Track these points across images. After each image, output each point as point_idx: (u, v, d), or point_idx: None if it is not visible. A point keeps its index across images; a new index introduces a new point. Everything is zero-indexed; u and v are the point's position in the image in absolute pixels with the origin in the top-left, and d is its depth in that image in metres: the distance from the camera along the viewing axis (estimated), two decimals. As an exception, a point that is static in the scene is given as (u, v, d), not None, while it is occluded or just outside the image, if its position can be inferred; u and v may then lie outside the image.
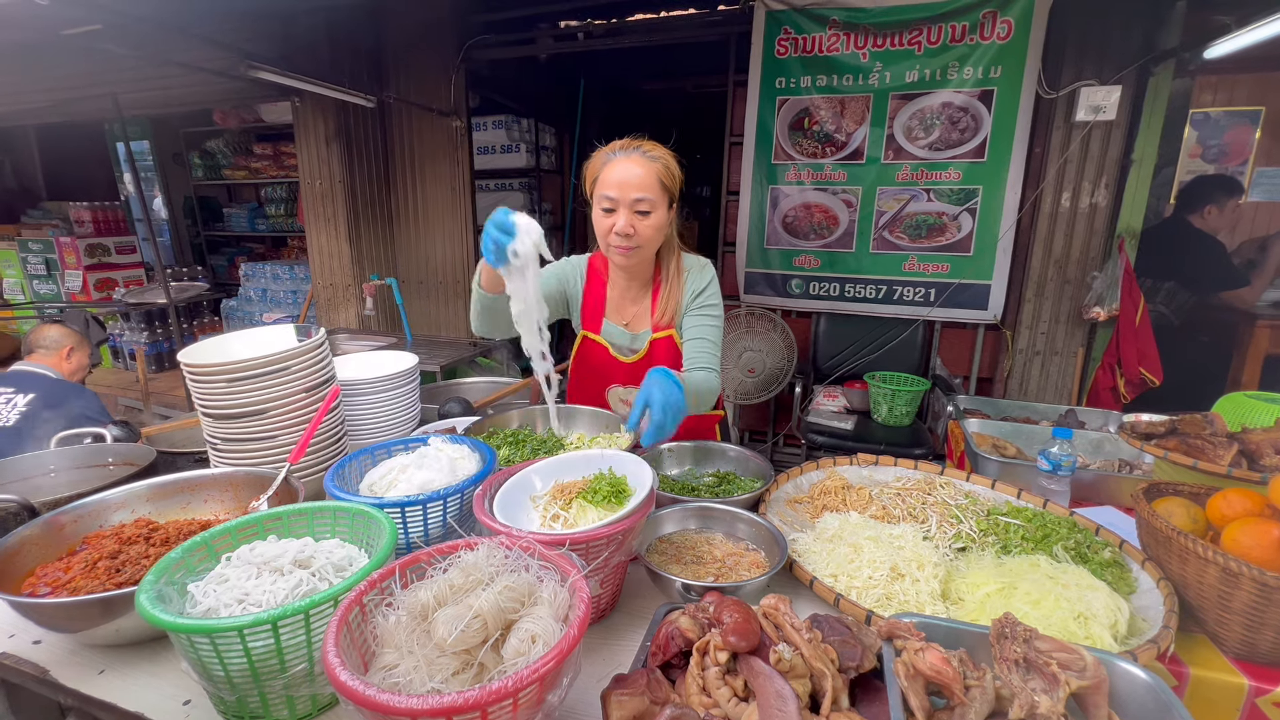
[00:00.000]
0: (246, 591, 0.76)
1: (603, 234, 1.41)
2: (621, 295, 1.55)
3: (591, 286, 1.56)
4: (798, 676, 0.74)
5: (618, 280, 1.55)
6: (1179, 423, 1.29)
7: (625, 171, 1.36)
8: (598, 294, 1.55)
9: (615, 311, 1.56)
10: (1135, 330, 2.65)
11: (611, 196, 1.36)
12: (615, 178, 1.36)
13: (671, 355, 1.53)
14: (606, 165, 1.39)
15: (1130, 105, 2.65)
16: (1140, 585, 1.07)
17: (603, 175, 1.39)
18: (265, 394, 1.23)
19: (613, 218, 1.38)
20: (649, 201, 1.37)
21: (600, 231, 1.41)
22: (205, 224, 6.23)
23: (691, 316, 1.50)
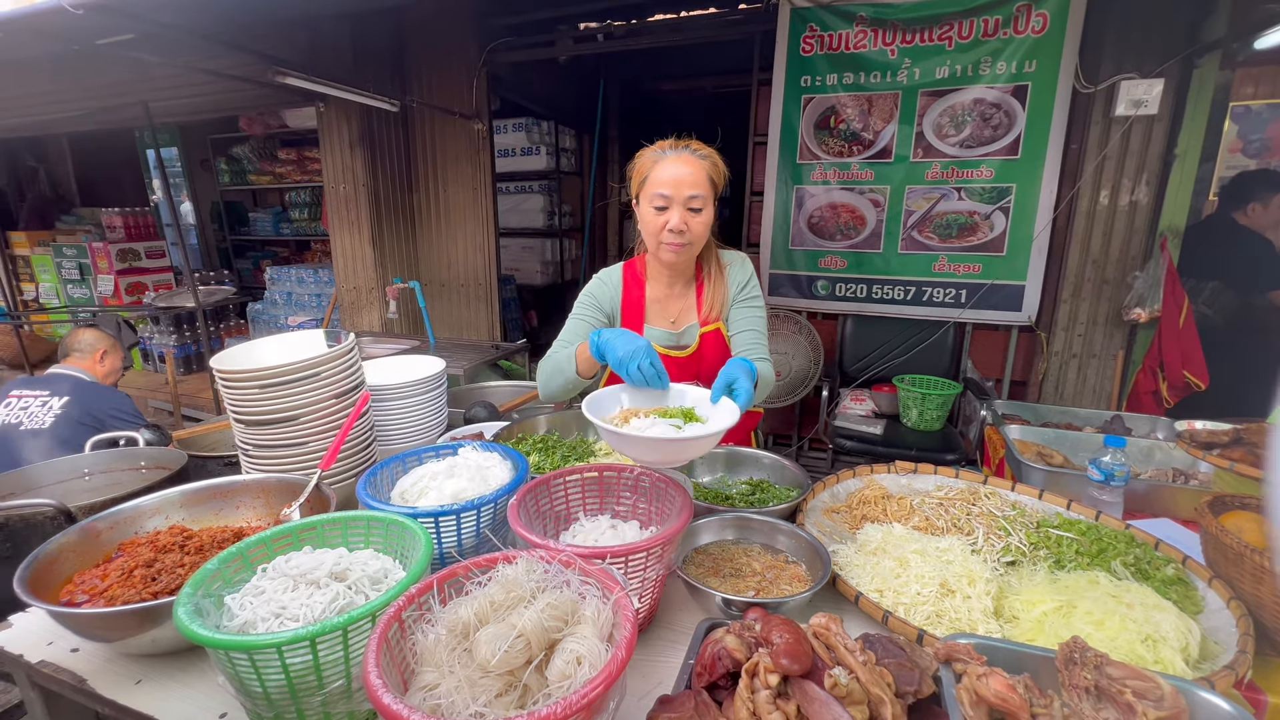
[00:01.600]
0: (283, 605, 0.75)
1: (655, 231, 1.41)
2: (665, 294, 1.55)
3: (629, 294, 1.55)
4: (855, 703, 0.70)
5: (660, 279, 1.54)
6: (1244, 431, 1.22)
7: (678, 170, 1.37)
8: (637, 300, 1.55)
9: (658, 313, 1.55)
10: (1179, 332, 2.55)
11: (665, 194, 1.37)
12: (668, 176, 1.37)
13: (720, 347, 1.54)
14: (657, 164, 1.40)
15: (1173, 98, 2.55)
16: (1208, 605, 1.01)
17: (653, 174, 1.39)
18: (297, 400, 1.23)
19: (665, 215, 1.39)
20: (700, 199, 1.38)
21: (652, 229, 1.42)
22: (231, 228, 6.34)
23: (739, 309, 1.52)
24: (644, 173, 1.42)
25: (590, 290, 1.54)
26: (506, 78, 4.44)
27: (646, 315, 1.55)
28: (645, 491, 1.11)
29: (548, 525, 1.09)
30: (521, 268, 5.58)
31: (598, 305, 1.54)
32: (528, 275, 5.57)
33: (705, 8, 3.61)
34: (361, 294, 4.05)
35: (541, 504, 1.08)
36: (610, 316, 1.55)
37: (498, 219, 4.11)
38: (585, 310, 1.52)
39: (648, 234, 1.44)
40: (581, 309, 1.53)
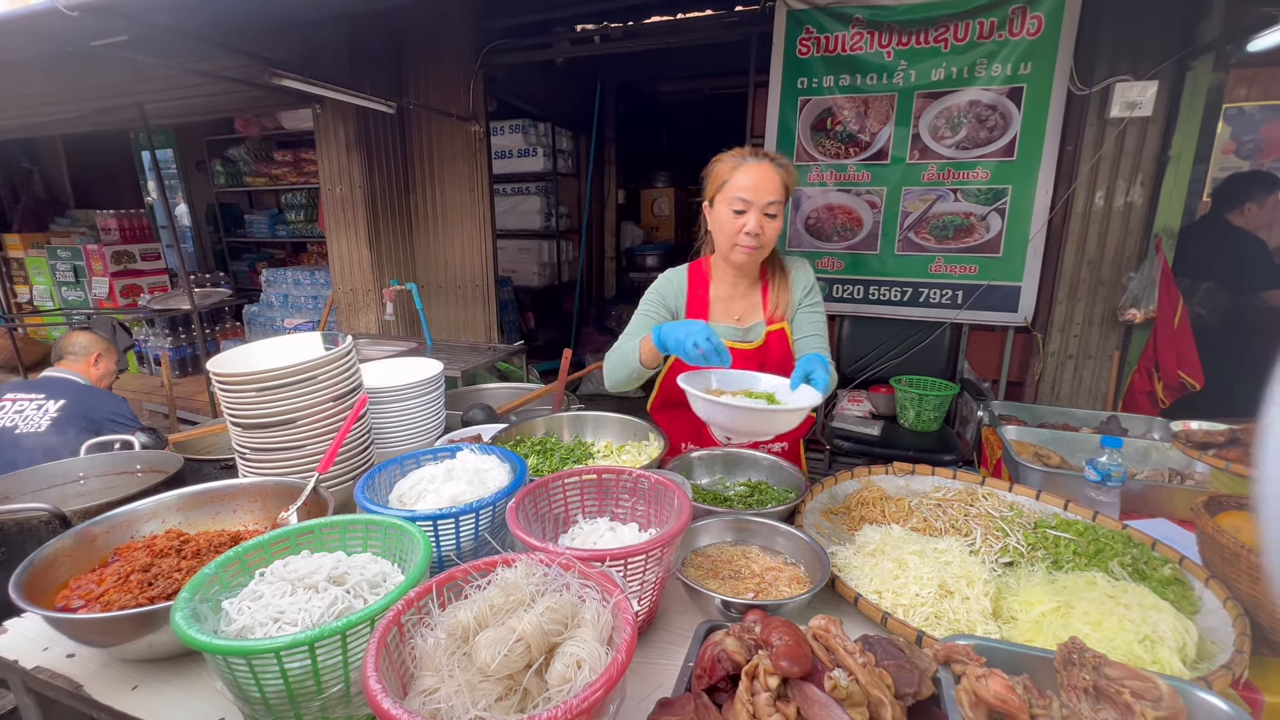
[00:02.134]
0: (281, 609, 0.74)
1: (731, 233, 1.46)
2: (730, 293, 1.60)
3: (694, 292, 1.60)
4: (855, 705, 0.70)
5: (725, 279, 1.59)
6: (1240, 432, 1.22)
7: (758, 176, 1.42)
8: (701, 297, 1.59)
9: (722, 311, 1.60)
10: (1174, 332, 2.57)
11: (745, 199, 1.42)
12: (749, 181, 1.42)
13: (784, 347, 1.59)
14: (738, 170, 1.44)
15: (1167, 100, 2.57)
16: (1204, 605, 1.01)
17: (734, 179, 1.44)
18: (294, 403, 1.22)
19: (744, 219, 1.44)
20: (777, 205, 1.44)
21: (729, 231, 1.46)
22: (227, 230, 6.32)
23: (804, 313, 1.60)
24: (723, 177, 1.46)
25: (657, 288, 1.60)
26: (503, 79, 4.44)
27: (711, 313, 1.60)
28: (644, 494, 1.11)
29: (546, 528, 1.08)
30: (519, 269, 5.58)
31: (663, 302, 1.59)
32: (525, 277, 5.57)
33: (702, 10, 3.62)
34: (358, 296, 4.04)
35: (540, 507, 1.08)
36: (674, 313, 1.59)
37: (494, 220, 4.11)
38: (650, 306, 1.58)
39: (722, 235, 1.49)
40: (647, 305, 1.59)
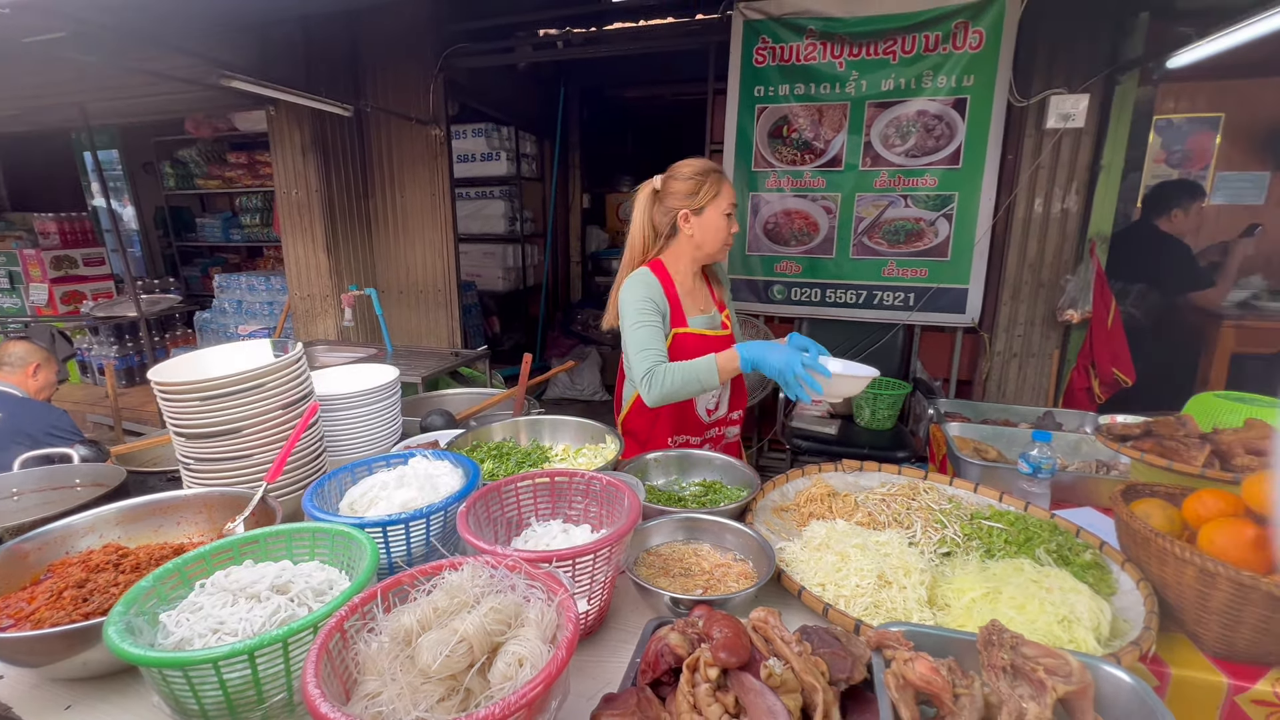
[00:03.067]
0: (221, 620, 0.74)
1: (724, 234, 1.67)
2: (691, 289, 1.74)
3: (668, 291, 1.68)
4: (789, 691, 0.73)
5: (686, 277, 1.73)
6: (1153, 424, 1.31)
7: (733, 190, 1.69)
8: (674, 295, 1.69)
9: (690, 305, 1.72)
10: (1108, 332, 2.71)
11: (734, 204, 1.67)
12: (732, 193, 1.67)
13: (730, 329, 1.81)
14: (724, 183, 1.66)
15: (1098, 113, 2.72)
16: (1121, 586, 1.08)
17: (724, 190, 1.65)
18: (240, 412, 1.20)
19: (731, 222, 1.67)
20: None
21: (721, 233, 1.66)
22: (178, 234, 6.09)
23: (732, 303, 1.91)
24: (717, 188, 1.64)
25: (644, 295, 1.62)
26: (465, 83, 4.41)
27: (684, 308, 1.70)
28: (596, 495, 1.13)
29: (499, 531, 1.09)
30: (483, 274, 5.54)
31: (655, 306, 1.63)
32: (489, 281, 5.53)
33: (664, 17, 3.67)
34: (316, 302, 3.96)
35: (493, 511, 1.09)
36: (662, 313, 1.66)
37: (457, 225, 4.07)
38: (648, 314, 1.61)
39: (714, 236, 1.65)
40: (645, 314, 1.60)
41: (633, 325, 1.58)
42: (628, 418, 1.77)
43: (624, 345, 1.62)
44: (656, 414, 1.71)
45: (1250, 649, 0.95)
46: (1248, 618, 0.92)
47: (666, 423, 1.72)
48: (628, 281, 1.64)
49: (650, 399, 1.53)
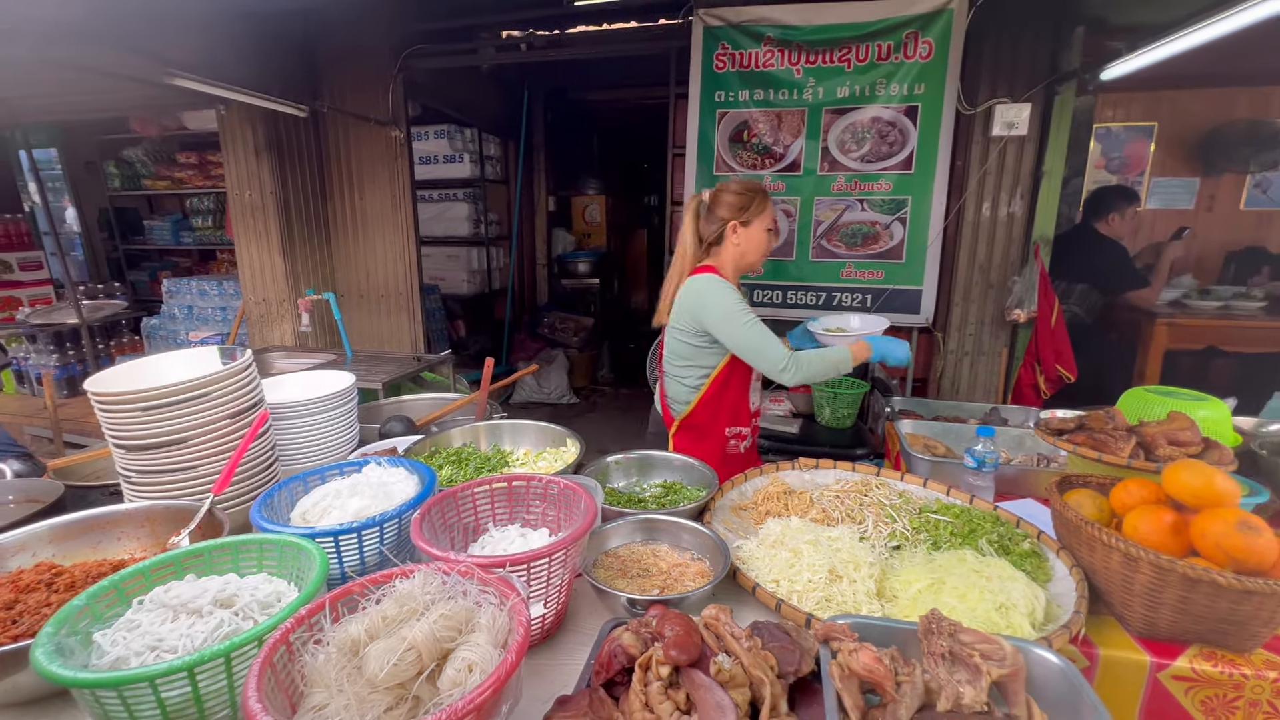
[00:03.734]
0: (160, 637, 0.72)
1: (765, 248, 1.84)
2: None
3: None
4: (737, 686, 0.75)
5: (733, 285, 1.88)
6: (1086, 418, 1.38)
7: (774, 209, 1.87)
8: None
9: None
10: (1052, 330, 2.84)
11: (776, 222, 1.85)
12: (774, 213, 1.84)
13: None
14: (769, 202, 1.83)
15: (1040, 121, 2.85)
16: (1056, 573, 1.14)
17: (769, 209, 1.82)
18: (185, 422, 1.17)
19: (772, 238, 1.84)
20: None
21: (764, 247, 1.84)
22: (123, 237, 5.83)
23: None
24: (765, 206, 1.81)
25: (738, 296, 1.76)
26: (426, 84, 4.35)
27: None
28: (554, 499, 1.14)
29: (455, 538, 1.09)
30: (447, 276, 5.46)
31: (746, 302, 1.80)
32: (453, 284, 5.46)
33: (627, 21, 3.69)
34: (272, 306, 3.85)
35: (449, 517, 1.08)
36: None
37: (418, 227, 4.01)
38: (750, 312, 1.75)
39: (758, 249, 1.83)
40: (749, 312, 1.74)
41: (747, 322, 1.71)
42: (694, 412, 1.88)
43: (737, 337, 1.71)
44: (719, 408, 1.87)
45: (1170, 628, 1.01)
46: (1167, 599, 0.98)
47: (727, 415, 1.88)
48: (717, 285, 1.75)
49: (790, 381, 1.69)
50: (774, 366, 1.68)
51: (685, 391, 1.88)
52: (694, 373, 1.85)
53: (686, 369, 1.86)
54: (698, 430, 1.89)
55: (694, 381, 1.86)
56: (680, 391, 1.90)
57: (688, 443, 1.89)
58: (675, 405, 1.92)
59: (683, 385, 1.88)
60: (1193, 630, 1.00)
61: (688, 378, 1.87)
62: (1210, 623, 0.97)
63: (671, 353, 1.89)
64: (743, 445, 1.96)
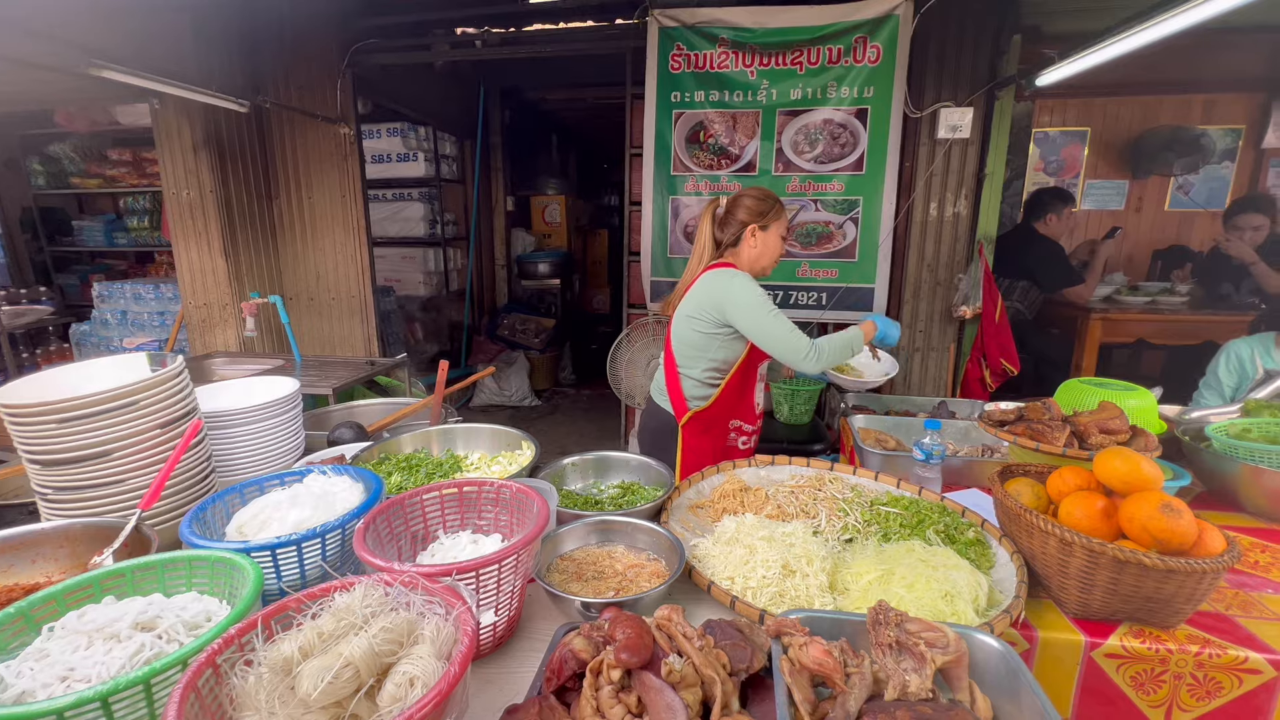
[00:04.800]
0: (72, 666, 0.67)
1: (779, 252, 1.93)
2: None
3: None
4: (688, 686, 0.75)
5: None
6: (1025, 410, 1.44)
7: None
8: None
9: None
10: (996, 326, 2.95)
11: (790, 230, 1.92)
12: (788, 221, 1.95)
13: None
14: (785, 209, 1.91)
15: (982, 124, 2.96)
16: (998, 560, 1.18)
17: (785, 218, 1.91)
18: (108, 434, 1.10)
19: (785, 244, 1.94)
20: None
21: (778, 252, 1.92)
22: (50, 238, 5.48)
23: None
24: (781, 214, 1.89)
25: (763, 291, 1.80)
26: (377, 81, 4.23)
27: None
28: (507, 504, 1.11)
29: (403, 547, 1.06)
30: (403, 278, 5.33)
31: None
32: (410, 286, 5.33)
33: (583, 20, 3.67)
34: (214, 311, 3.67)
35: (396, 526, 1.05)
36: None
37: (370, 228, 3.90)
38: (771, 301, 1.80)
39: (772, 254, 1.91)
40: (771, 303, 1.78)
41: (772, 311, 1.75)
42: (709, 408, 1.92)
43: (763, 328, 1.75)
44: (728, 405, 1.94)
45: (1103, 608, 1.06)
46: (1099, 580, 1.03)
47: (735, 410, 1.97)
48: (741, 277, 1.79)
49: (815, 367, 1.75)
50: (798, 355, 1.73)
51: (693, 385, 1.92)
52: (701, 364, 1.88)
53: (695, 359, 1.89)
54: (703, 423, 1.94)
55: (699, 373, 1.90)
56: (688, 384, 1.93)
57: (695, 436, 1.94)
58: (689, 398, 1.94)
59: (689, 376, 1.92)
60: (1123, 610, 1.05)
61: (693, 368, 1.90)
62: (1138, 601, 1.02)
63: (682, 341, 1.91)
64: (741, 441, 2.03)
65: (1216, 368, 2.25)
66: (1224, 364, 2.22)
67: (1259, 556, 1.29)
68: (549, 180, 6.31)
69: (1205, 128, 4.42)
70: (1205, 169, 4.52)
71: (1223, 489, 1.51)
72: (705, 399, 1.92)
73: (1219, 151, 4.51)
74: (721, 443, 2.00)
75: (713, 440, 1.98)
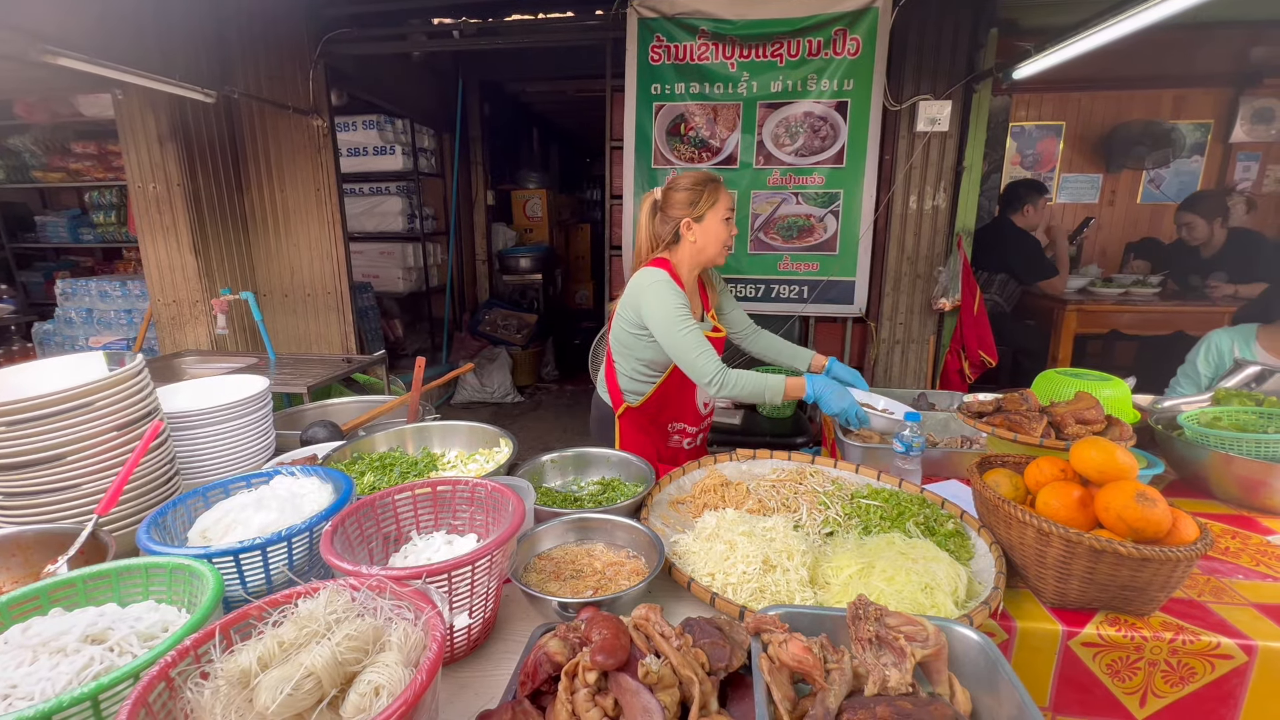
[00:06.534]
0: (14, 683, 0.63)
1: (724, 239, 1.79)
2: (690, 293, 1.83)
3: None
4: (666, 687, 0.73)
5: (687, 281, 1.83)
6: (1003, 401, 1.45)
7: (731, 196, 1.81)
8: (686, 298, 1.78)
9: (692, 308, 1.79)
10: (974, 318, 2.98)
11: (731, 209, 1.79)
12: (729, 199, 1.78)
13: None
14: (722, 190, 1.78)
15: (960, 118, 2.97)
16: (977, 550, 1.18)
17: (723, 197, 1.77)
18: (61, 437, 1.05)
19: (730, 226, 1.79)
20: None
21: (722, 237, 1.78)
22: (11, 234, 5.29)
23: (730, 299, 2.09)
24: (716, 195, 1.76)
25: (681, 300, 1.71)
26: (352, 72, 4.14)
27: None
28: (482, 503, 1.09)
29: (374, 549, 1.03)
30: (381, 274, 5.23)
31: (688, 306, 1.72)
32: (388, 282, 5.24)
33: (562, 11, 3.61)
34: (183, 308, 3.57)
35: (366, 527, 1.02)
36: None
37: (346, 222, 3.82)
38: (690, 318, 1.70)
39: (715, 242, 1.77)
40: (687, 317, 1.69)
41: (682, 329, 1.66)
42: (643, 406, 1.89)
43: (672, 343, 1.68)
44: (662, 405, 1.89)
45: (1079, 597, 1.06)
46: (1076, 570, 1.03)
47: (671, 412, 1.92)
48: (662, 285, 1.69)
49: (717, 395, 1.68)
50: (703, 378, 1.66)
51: (626, 380, 1.89)
52: (632, 362, 1.85)
53: (625, 357, 1.87)
54: (638, 423, 1.92)
55: (630, 369, 1.87)
56: (623, 379, 1.90)
57: (632, 430, 1.91)
58: (624, 392, 1.92)
59: (623, 372, 1.89)
60: (1099, 598, 1.06)
61: (625, 364, 1.88)
62: (1114, 590, 1.03)
63: (615, 338, 1.89)
64: (686, 442, 1.99)
65: (1196, 358, 2.26)
66: (1203, 354, 2.24)
67: (1229, 543, 1.31)
68: (530, 174, 6.24)
69: (1175, 122, 4.50)
70: (1175, 163, 4.61)
71: (1194, 476, 1.54)
72: (640, 395, 1.89)
73: (1189, 146, 4.60)
74: (663, 443, 1.96)
75: (653, 440, 1.94)
